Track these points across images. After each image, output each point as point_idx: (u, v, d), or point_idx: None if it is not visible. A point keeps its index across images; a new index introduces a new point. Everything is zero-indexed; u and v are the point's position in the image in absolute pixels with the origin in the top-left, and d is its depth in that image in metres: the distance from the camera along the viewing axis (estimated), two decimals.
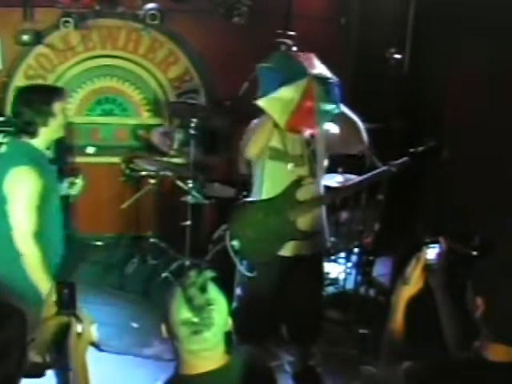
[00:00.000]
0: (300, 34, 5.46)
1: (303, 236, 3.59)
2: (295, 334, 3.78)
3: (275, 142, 3.53)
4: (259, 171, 3.62)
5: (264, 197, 3.61)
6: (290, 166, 3.52)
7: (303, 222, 3.57)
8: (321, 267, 3.89)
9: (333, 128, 3.53)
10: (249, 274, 3.60)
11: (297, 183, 3.54)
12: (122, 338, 4.50)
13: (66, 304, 2.17)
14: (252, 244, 3.58)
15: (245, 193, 4.70)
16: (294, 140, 3.53)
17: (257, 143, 3.48)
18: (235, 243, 3.56)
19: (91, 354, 2.21)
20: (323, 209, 3.69)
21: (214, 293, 1.98)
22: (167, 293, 2.02)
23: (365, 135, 3.55)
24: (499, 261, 1.98)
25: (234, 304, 3.62)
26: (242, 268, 3.61)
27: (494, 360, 1.90)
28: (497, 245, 3.79)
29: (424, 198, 5.12)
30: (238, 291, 3.71)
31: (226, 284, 2.12)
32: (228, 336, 2.06)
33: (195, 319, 1.92)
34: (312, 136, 3.51)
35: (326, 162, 3.64)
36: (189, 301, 1.93)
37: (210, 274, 2.00)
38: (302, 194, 3.55)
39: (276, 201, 3.57)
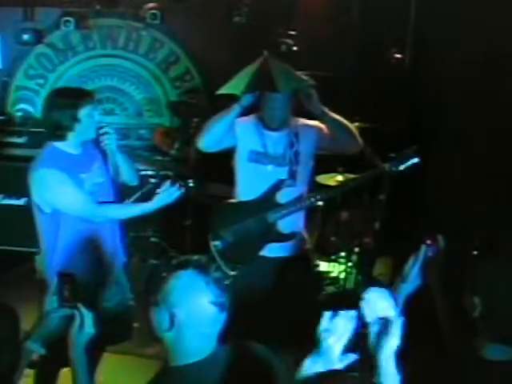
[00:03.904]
0: (300, 34, 5.46)
1: (283, 238, 3.59)
2: (280, 332, 3.72)
3: (254, 145, 3.54)
4: (238, 174, 3.64)
5: (243, 199, 3.61)
6: (270, 167, 3.52)
7: (283, 224, 3.57)
8: (307, 269, 3.83)
9: (322, 127, 3.52)
10: (231, 273, 3.60)
11: (276, 186, 3.53)
12: None
13: (69, 297, 2.18)
14: (232, 245, 3.60)
15: None
16: (276, 140, 3.53)
17: (207, 133, 3.53)
18: (217, 243, 3.60)
19: None
20: (303, 211, 3.67)
21: None
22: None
23: (357, 135, 3.52)
24: (498, 261, 1.98)
25: None
26: (224, 267, 3.60)
27: (491, 359, 1.90)
28: (497, 245, 3.78)
29: (424, 197, 5.11)
30: None
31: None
32: None
33: None
34: (296, 136, 3.50)
35: (311, 163, 3.62)
36: None
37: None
38: (282, 197, 3.55)
39: (256, 203, 3.58)
